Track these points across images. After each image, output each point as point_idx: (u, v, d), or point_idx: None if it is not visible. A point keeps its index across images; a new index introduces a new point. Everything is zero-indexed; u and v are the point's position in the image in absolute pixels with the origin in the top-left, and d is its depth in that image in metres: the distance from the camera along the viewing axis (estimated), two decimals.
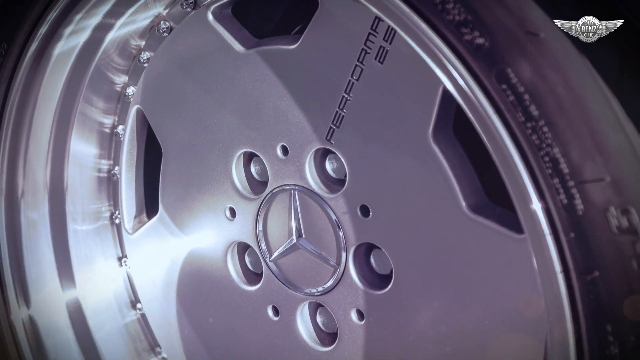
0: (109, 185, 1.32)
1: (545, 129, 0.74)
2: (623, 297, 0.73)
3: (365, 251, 1.03)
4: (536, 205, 0.76)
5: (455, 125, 0.92)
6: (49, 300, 1.29)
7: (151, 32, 1.20)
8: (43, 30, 1.15)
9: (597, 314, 0.75)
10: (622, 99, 0.72)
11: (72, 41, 1.18)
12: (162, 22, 1.18)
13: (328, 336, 1.11)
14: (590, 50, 0.73)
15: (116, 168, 1.30)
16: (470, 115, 0.80)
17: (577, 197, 0.74)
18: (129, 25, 1.19)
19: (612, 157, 0.71)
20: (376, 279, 1.03)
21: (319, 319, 1.12)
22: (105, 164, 1.31)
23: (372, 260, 1.04)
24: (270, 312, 1.14)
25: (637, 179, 0.71)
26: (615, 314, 0.74)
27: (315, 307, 1.12)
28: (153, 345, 1.33)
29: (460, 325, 0.95)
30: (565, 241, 0.75)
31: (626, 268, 0.72)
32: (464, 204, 0.91)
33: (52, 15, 1.14)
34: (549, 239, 0.76)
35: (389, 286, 1.00)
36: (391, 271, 1.00)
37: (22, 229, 1.28)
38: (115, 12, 1.17)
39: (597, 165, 0.72)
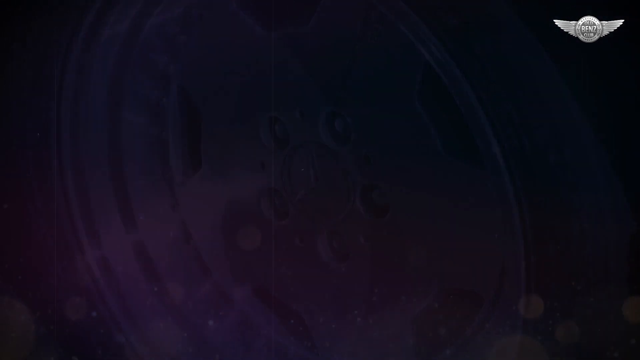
0: (160, 146, 1.40)
1: (502, 90, 0.85)
2: (559, 210, 0.86)
3: (368, 190, 1.14)
4: (495, 148, 0.88)
5: (434, 89, 1.00)
6: (116, 241, 1.39)
7: (185, 19, 1.28)
8: (90, 18, 1.22)
9: (538, 223, 0.88)
10: (560, 67, 0.82)
11: (116, 27, 1.26)
12: (193, 9, 1.26)
13: (342, 255, 1.22)
14: (536, 29, 0.82)
15: (164, 133, 1.38)
16: (445, 81, 0.91)
17: (525, 141, 0.85)
18: (166, 13, 1.27)
19: (550, 111, 0.83)
20: (377, 211, 1.14)
21: (334, 243, 1.23)
22: (155, 130, 1.39)
23: (373, 196, 1.14)
24: (297, 240, 1.26)
25: (568, 126, 0.83)
26: (552, 223, 0.87)
27: (331, 234, 1.22)
28: (205, 270, 1.41)
29: (441, 240, 1.07)
30: (516, 174, 0.87)
31: (559, 191, 0.85)
32: (442, 149, 1.03)
33: (97, 4, 1.21)
34: (505, 173, 0.88)
35: (387, 215, 1.12)
36: (388, 204, 1.12)
37: (89, 188, 1.37)
38: (153, 1, 1.24)
39: (539, 118, 0.84)
